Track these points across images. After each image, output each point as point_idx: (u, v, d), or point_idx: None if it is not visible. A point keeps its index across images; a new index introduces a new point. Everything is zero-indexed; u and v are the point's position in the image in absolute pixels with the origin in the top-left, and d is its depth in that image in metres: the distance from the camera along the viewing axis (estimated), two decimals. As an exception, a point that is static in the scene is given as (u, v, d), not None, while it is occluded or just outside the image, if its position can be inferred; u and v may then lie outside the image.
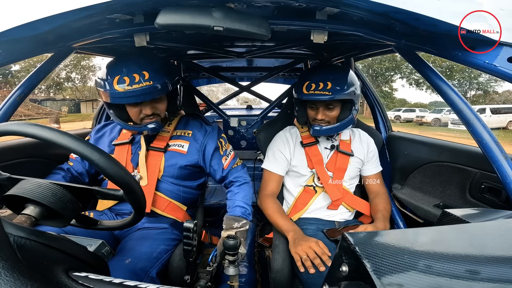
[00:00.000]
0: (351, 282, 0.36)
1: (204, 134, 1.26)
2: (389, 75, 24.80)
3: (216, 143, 1.25)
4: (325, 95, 1.20)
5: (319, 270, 1.00)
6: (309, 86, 1.24)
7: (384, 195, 1.38)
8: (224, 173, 1.23)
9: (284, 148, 1.38)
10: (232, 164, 1.26)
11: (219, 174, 1.24)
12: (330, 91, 1.20)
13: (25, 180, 0.62)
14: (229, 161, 1.25)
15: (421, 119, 18.40)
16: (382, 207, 1.30)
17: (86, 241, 0.60)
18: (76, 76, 26.87)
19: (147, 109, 1.09)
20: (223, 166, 1.23)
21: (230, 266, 0.83)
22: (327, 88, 1.20)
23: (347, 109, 1.28)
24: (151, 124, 1.11)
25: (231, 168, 1.25)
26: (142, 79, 1.00)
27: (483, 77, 22.19)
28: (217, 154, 1.24)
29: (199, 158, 1.23)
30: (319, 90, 1.21)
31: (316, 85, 1.22)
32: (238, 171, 1.26)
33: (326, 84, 1.21)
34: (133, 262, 0.92)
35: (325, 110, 1.28)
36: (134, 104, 1.07)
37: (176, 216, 1.20)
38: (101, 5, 0.68)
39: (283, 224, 1.21)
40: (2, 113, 1.12)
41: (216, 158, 1.23)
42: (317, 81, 1.23)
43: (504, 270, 0.35)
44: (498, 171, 0.82)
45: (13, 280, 0.34)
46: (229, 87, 18.62)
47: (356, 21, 0.88)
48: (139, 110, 1.09)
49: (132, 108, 1.09)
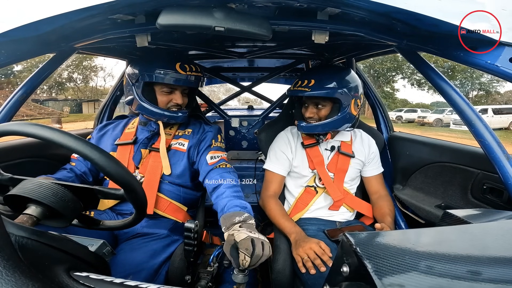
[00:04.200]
0: (352, 283, 0.36)
1: (202, 132, 1.29)
2: (390, 75, 24.73)
3: (211, 141, 1.26)
4: (305, 91, 1.23)
5: (320, 270, 1.00)
6: (296, 83, 1.29)
7: (386, 197, 1.37)
8: (208, 168, 1.18)
9: (286, 148, 1.38)
10: (219, 163, 1.20)
11: (203, 169, 1.19)
12: (309, 88, 1.22)
13: (26, 180, 0.62)
14: (216, 161, 1.20)
15: (423, 120, 18.34)
16: (388, 210, 1.29)
17: (87, 241, 0.60)
18: (78, 77, 26.95)
19: (179, 98, 1.20)
20: (208, 162, 1.20)
21: (239, 274, 0.83)
22: (309, 85, 1.23)
23: (336, 109, 1.26)
24: (181, 112, 1.20)
25: (217, 167, 1.18)
26: (196, 70, 1.21)
27: (485, 78, 22.10)
28: (208, 151, 1.23)
29: (194, 154, 1.24)
30: (301, 87, 1.25)
31: (301, 82, 1.26)
32: (225, 172, 1.16)
33: (310, 81, 1.24)
34: (134, 278, 0.92)
35: (314, 108, 1.29)
36: (168, 92, 1.20)
37: (177, 217, 1.20)
38: (103, 6, 0.68)
39: (286, 226, 1.21)
40: (4, 113, 1.13)
41: (206, 155, 1.22)
42: (303, 78, 1.27)
43: (506, 271, 0.35)
44: (500, 172, 0.82)
45: (14, 280, 0.34)
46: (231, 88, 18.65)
47: (357, 21, 0.88)
48: (170, 99, 1.20)
49: (165, 96, 1.20)
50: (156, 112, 1.17)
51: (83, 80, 27.53)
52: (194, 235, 0.87)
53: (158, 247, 1.06)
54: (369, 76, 21.76)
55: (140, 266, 0.97)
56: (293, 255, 1.11)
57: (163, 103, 1.20)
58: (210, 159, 1.20)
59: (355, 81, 1.27)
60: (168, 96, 1.20)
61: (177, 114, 1.19)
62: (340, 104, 1.24)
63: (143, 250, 1.04)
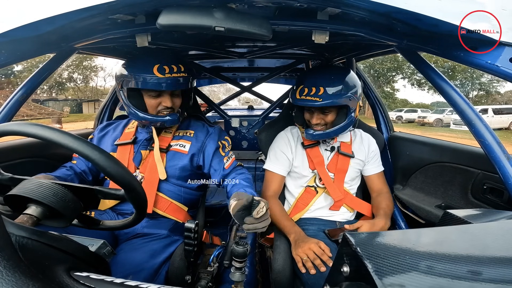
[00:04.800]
0: (352, 283, 0.36)
1: (206, 134, 1.26)
2: (390, 75, 24.72)
3: (217, 143, 1.25)
4: (315, 101, 1.17)
5: (320, 270, 1.00)
6: (302, 91, 1.21)
7: (386, 194, 1.37)
8: (226, 172, 1.21)
9: (286, 148, 1.38)
10: (234, 165, 1.24)
11: (219, 174, 1.21)
12: (321, 97, 1.17)
13: (27, 180, 0.62)
14: (231, 163, 1.24)
15: (423, 120, 18.33)
16: (384, 205, 1.29)
17: (87, 241, 0.60)
18: (78, 77, 26.95)
19: (167, 101, 1.14)
20: (225, 165, 1.21)
21: (236, 272, 0.83)
22: (319, 94, 1.17)
23: (343, 114, 1.25)
24: (169, 116, 1.15)
25: (234, 168, 1.23)
26: (178, 70, 1.12)
27: (485, 78, 22.08)
28: (218, 154, 1.23)
29: (199, 158, 1.23)
30: (310, 96, 1.18)
31: (308, 90, 1.20)
32: (241, 170, 1.24)
33: (318, 89, 1.18)
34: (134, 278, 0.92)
35: (320, 114, 1.25)
36: (155, 96, 1.14)
37: (177, 217, 1.20)
38: (103, 6, 0.68)
39: (285, 226, 1.21)
40: (4, 113, 1.13)
41: (217, 158, 1.23)
42: (310, 85, 1.20)
43: (506, 271, 0.35)
44: (500, 172, 0.81)
45: (14, 280, 0.34)
46: (231, 88, 18.63)
47: (357, 21, 0.88)
48: (159, 102, 1.14)
49: (152, 99, 1.14)
50: (143, 117, 1.14)
51: (83, 80, 27.54)
52: (194, 235, 0.87)
53: (158, 247, 1.06)
54: (369, 76, 21.73)
55: (140, 266, 0.98)
56: (293, 255, 1.11)
57: (152, 107, 1.15)
58: (226, 162, 1.22)
59: (358, 83, 1.26)
60: (156, 100, 1.14)
61: (165, 118, 1.15)
62: (348, 108, 1.23)
63: (143, 250, 1.04)
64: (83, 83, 27.70)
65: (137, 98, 1.15)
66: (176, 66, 1.12)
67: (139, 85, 1.09)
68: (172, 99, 1.16)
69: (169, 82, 1.09)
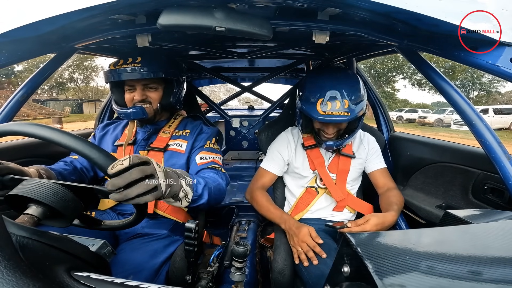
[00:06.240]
0: (352, 283, 0.36)
1: (199, 132, 1.26)
2: (391, 75, 24.74)
3: (205, 142, 1.22)
4: (344, 116, 1.11)
5: (313, 263, 1.04)
6: (325, 105, 1.13)
7: (395, 190, 1.32)
8: (198, 168, 1.12)
9: (284, 150, 1.38)
10: (208, 165, 1.13)
11: (192, 169, 1.14)
12: (348, 111, 1.11)
13: (27, 180, 0.63)
14: (206, 162, 1.14)
15: (424, 120, 18.34)
16: (396, 200, 1.23)
17: (88, 241, 0.60)
18: (79, 77, 27.00)
19: (137, 94, 1.17)
20: (197, 162, 1.14)
21: (236, 272, 0.84)
22: (345, 108, 1.11)
23: (357, 119, 1.22)
24: (135, 108, 1.15)
25: (208, 168, 1.11)
26: (134, 61, 1.13)
27: (485, 78, 22.10)
28: (200, 151, 1.19)
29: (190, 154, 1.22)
30: (336, 111, 1.11)
31: (332, 104, 1.12)
32: (214, 171, 1.10)
33: (343, 103, 1.11)
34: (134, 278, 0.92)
35: (337, 124, 1.22)
36: (129, 90, 1.18)
37: (177, 217, 1.20)
38: (104, 6, 0.69)
39: (275, 216, 1.24)
40: (5, 113, 1.13)
41: (197, 155, 1.17)
42: (332, 99, 1.13)
43: (507, 271, 0.35)
44: (501, 172, 0.81)
45: (15, 280, 0.34)
46: (231, 88, 18.63)
47: (358, 21, 0.88)
48: (133, 96, 1.18)
49: (127, 94, 1.19)
50: (115, 109, 1.21)
51: (83, 80, 27.59)
52: (194, 235, 0.87)
53: (159, 247, 1.06)
54: (370, 76, 21.72)
55: (141, 266, 0.98)
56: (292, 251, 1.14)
57: (128, 102, 1.19)
58: (199, 159, 1.14)
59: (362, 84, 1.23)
60: (131, 94, 1.18)
61: (128, 110, 1.15)
62: (362, 115, 1.23)
63: (143, 250, 1.04)
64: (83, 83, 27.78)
65: (118, 94, 1.22)
66: (132, 58, 1.13)
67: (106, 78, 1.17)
68: (146, 92, 1.18)
69: (124, 72, 1.12)
